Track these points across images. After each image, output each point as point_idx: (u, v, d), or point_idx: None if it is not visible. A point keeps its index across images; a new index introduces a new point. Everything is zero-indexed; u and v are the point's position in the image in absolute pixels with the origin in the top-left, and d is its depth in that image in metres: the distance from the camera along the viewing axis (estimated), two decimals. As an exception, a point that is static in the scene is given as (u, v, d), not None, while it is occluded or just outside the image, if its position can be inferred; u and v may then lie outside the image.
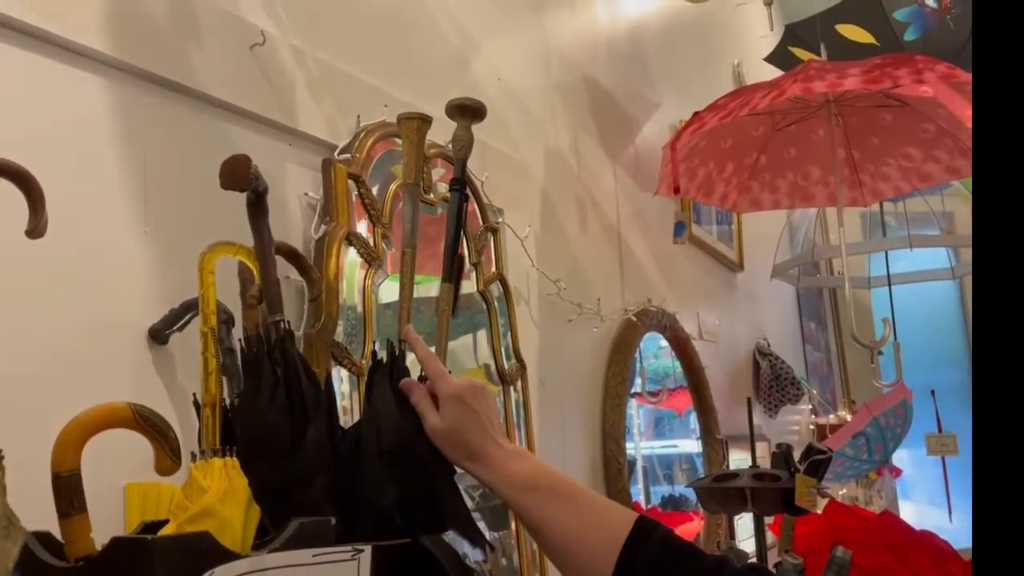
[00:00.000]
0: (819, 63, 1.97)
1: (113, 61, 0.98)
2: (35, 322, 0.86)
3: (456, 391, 0.75)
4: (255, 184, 0.69)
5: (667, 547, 0.66)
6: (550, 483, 0.72)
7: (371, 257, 1.22)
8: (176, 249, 1.02)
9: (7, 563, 0.48)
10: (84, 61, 0.96)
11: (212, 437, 0.68)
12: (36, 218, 0.56)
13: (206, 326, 0.71)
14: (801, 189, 2.55)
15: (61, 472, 0.58)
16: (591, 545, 0.67)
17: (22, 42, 0.90)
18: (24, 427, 0.73)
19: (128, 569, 0.53)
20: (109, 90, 0.98)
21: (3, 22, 0.88)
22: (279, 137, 1.19)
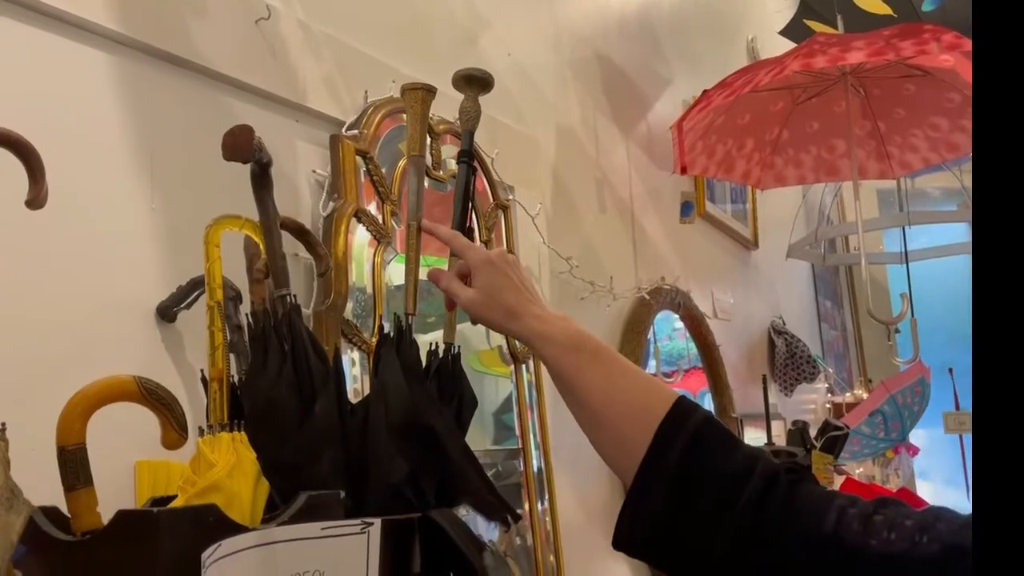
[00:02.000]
0: (825, 37, 1.94)
1: (118, 36, 0.97)
2: (44, 300, 0.86)
3: (487, 256, 0.74)
4: (259, 156, 0.68)
5: (702, 435, 0.61)
6: (594, 347, 0.69)
7: (380, 234, 1.21)
8: (183, 226, 1.01)
9: (11, 535, 0.48)
10: (89, 36, 0.95)
11: (220, 412, 0.67)
12: (36, 188, 0.55)
13: (212, 300, 0.70)
14: (826, 163, 2.52)
15: (67, 445, 0.57)
16: (629, 418, 0.63)
17: (26, 17, 0.89)
18: (35, 405, 0.73)
19: (134, 542, 0.52)
20: (114, 65, 0.98)
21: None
22: (286, 113, 1.18)
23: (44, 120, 0.89)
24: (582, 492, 1.74)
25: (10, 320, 0.82)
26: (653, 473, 0.60)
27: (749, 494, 0.56)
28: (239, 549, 0.51)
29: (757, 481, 0.57)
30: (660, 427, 0.61)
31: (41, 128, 0.88)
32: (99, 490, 0.66)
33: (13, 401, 0.79)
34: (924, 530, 0.52)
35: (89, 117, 0.95)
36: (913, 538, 0.51)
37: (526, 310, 0.72)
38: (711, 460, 0.59)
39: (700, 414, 0.63)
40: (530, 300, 0.73)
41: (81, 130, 0.94)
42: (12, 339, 0.82)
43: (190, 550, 0.50)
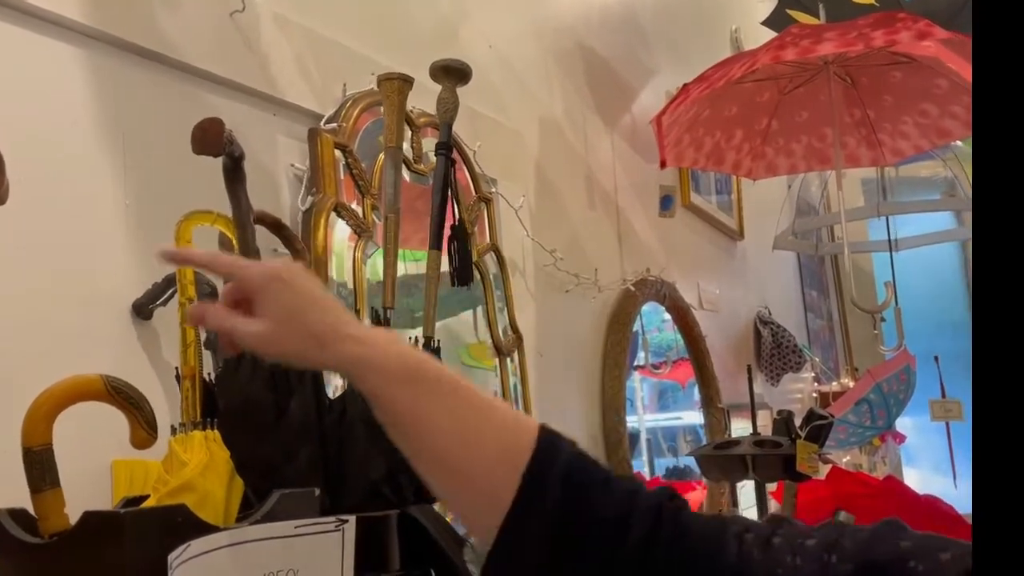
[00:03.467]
0: (799, 28, 1.94)
1: (88, 30, 0.95)
2: (16, 297, 0.85)
3: (271, 271, 0.57)
4: (230, 149, 0.66)
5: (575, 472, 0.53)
6: (435, 375, 0.55)
7: (360, 228, 1.20)
8: (158, 221, 1.00)
9: (-26, 539, 0.47)
10: (59, 31, 0.93)
11: (192, 410, 0.66)
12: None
13: (184, 297, 0.69)
14: (817, 152, 2.53)
15: (32, 446, 0.56)
16: (487, 460, 0.53)
17: (-8, 11, 0.88)
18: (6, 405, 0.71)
19: (101, 544, 0.51)
20: (85, 60, 0.96)
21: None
22: (263, 107, 1.17)
23: (14, 115, 0.87)
24: (569, 485, 1.73)
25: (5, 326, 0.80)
26: (527, 521, 0.51)
27: (637, 532, 0.50)
28: (209, 549, 0.50)
29: (643, 516, 0.51)
30: (528, 468, 0.52)
31: (11, 124, 0.86)
32: (76, 490, 0.65)
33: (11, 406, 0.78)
34: (829, 549, 0.48)
35: (60, 112, 0.93)
36: (821, 558, 0.47)
37: (339, 332, 0.55)
38: (589, 499, 0.53)
39: (567, 448, 0.55)
40: (341, 319, 0.56)
41: (52, 126, 0.92)
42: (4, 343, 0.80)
43: (158, 551, 0.49)
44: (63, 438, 0.64)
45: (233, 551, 0.52)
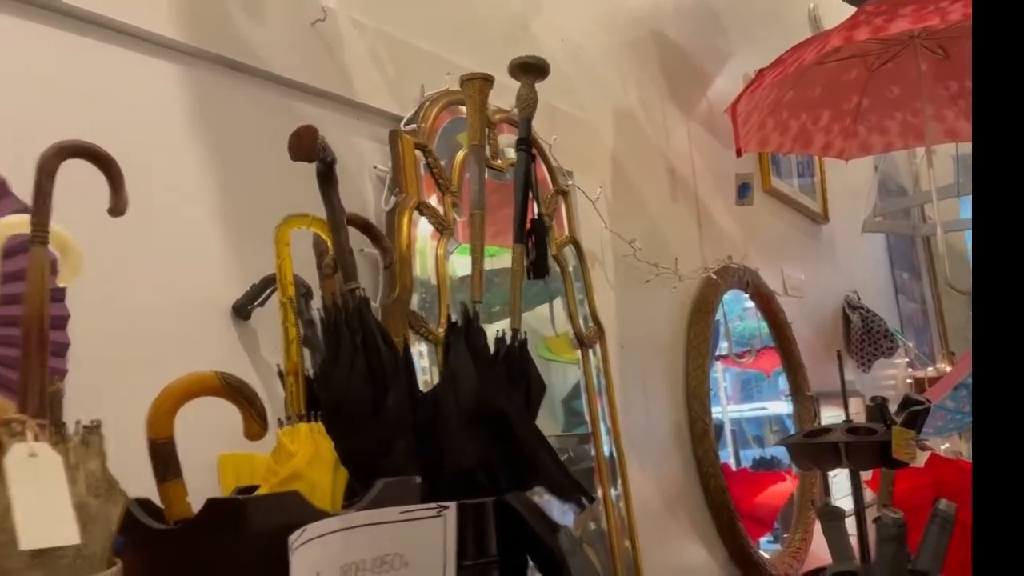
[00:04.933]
0: (873, 6, 1.88)
1: (184, 47, 1.01)
2: (130, 303, 0.91)
3: None
4: (323, 155, 0.70)
5: None
6: None
7: (442, 226, 1.23)
8: (254, 226, 1.05)
9: (110, 526, 0.51)
10: (158, 49, 0.99)
11: (297, 404, 0.70)
12: (116, 196, 0.59)
13: (284, 296, 0.73)
14: (913, 127, 2.44)
15: (157, 439, 0.61)
16: None
17: (100, 35, 0.94)
18: (125, 402, 0.77)
19: (223, 528, 0.55)
20: (182, 76, 1.02)
21: (77, 15, 0.91)
22: (346, 112, 1.21)
23: (121, 131, 0.93)
24: (655, 476, 1.73)
25: (100, 322, 0.86)
26: None
27: None
28: (323, 533, 0.53)
29: None
30: None
31: (119, 139, 0.92)
32: (187, 482, 0.69)
33: (106, 398, 0.83)
34: None
35: (162, 126, 0.99)
36: None
37: None
38: None
39: None
40: None
41: (155, 139, 0.98)
42: (102, 340, 0.86)
43: (276, 535, 0.53)
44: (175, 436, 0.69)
45: (344, 535, 0.55)
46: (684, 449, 1.88)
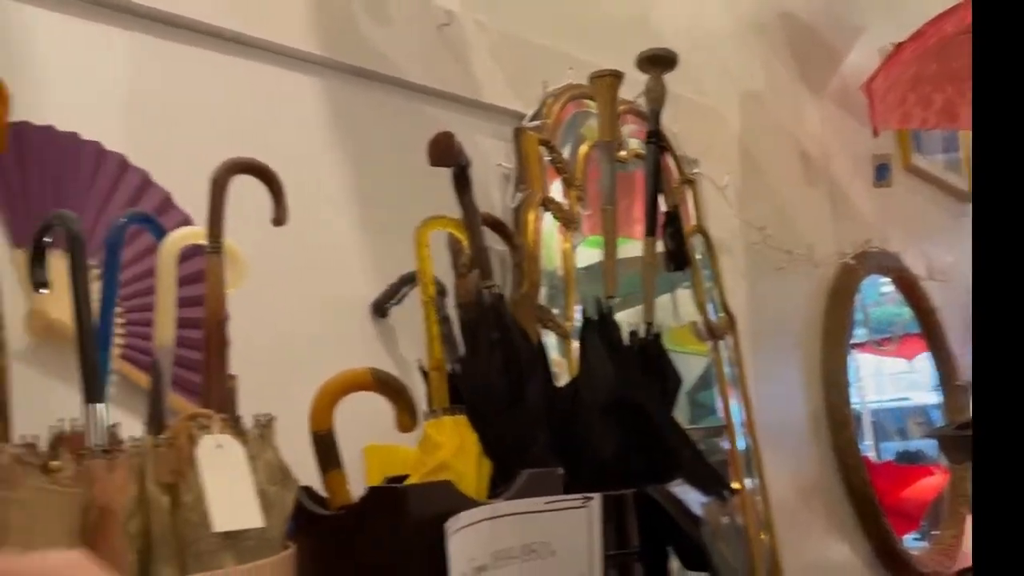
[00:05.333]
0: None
1: (318, 59, 1.08)
2: (283, 305, 0.98)
3: None
4: (459, 159, 0.74)
5: None
6: None
7: (567, 220, 1.25)
8: (388, 227, 1.11)
9: (285, 511, 0.57)
10: (294, 63, 1.07)
11: (440, 398, 0.75)
12: (279, 208, 0.64)
13: (426, 295, 0.77)
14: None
15: (318, 431, 0.66)
16: None
17: (246, 53, 1.02)
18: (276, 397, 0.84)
19: (385, 514, 0.60)
20: (318, 87, 1.09)
21: (222, 35, 0.99)
22: (470, 112, 1.25)
23: (267, 143, 1.01)
24: (792, 469, 1.70)
25: (260, 322, 0.94)
26: None
27: None
28: (475, 521, 0.57)
29: None
30: None
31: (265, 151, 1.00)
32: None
33: (260, 394, 0.91)
34: None
35: (302, 136, 1.06)
36: None
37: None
38: None
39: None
40: None
41: (297, 149, 1.05)
42: (262, 339, 0.94)
43: (432, 521, 0.57)
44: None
45: (492, 524, 0.59)
46: (821, 440, 1.83)
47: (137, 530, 0.52)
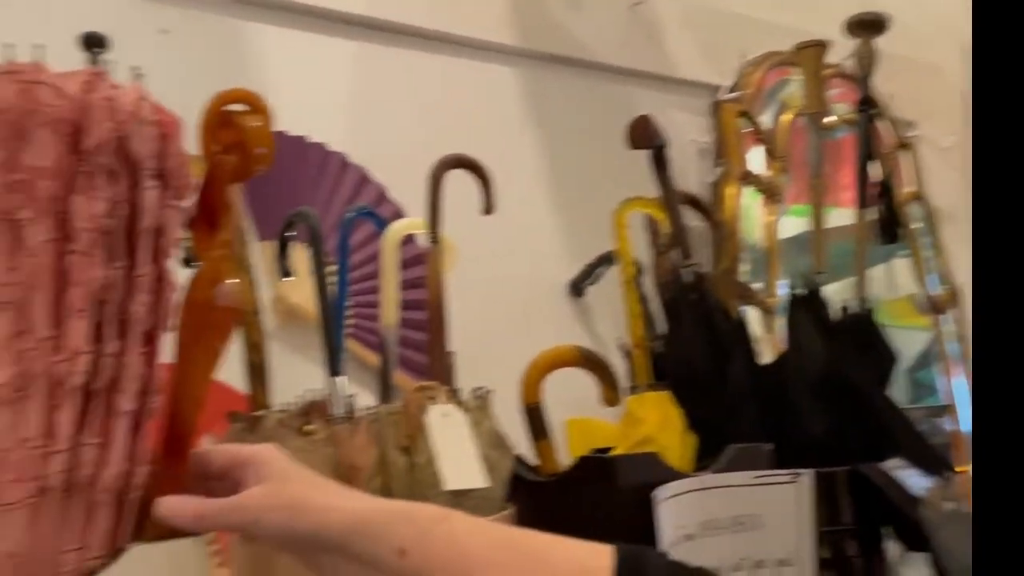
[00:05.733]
0: None
1: (512, 49, 1.14)
2: (488, 286, 1.05)
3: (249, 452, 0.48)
4: (657, 140, 0.77)
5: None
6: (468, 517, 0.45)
7: (769, 193, 1.24)
8: (583, 208, 1.15)
9: (503, 475, 0.63)
10: (491, 55, 1.13)
11: (643, 374, 0.78)
12: (488, 199, 0.70)
13: (626, 276, 0.81)
14: None
15: (528, 404, 0.72)
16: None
17: (445, 49, 1.10)
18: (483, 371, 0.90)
19: (595, 481, 0.64)
20: (514, 76, 1.15)
21: (425, 34, 1.07)
22: (665, 88, 1.26)
23: (469, 133, 1.08)
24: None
25: (471, 303, 1.01)
26: None
27: None
28: (681, 492, 0.60)
29: None
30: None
31: (468, 141, 1.07)
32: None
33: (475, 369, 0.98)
34: None
35: (501, 124, 1.13)
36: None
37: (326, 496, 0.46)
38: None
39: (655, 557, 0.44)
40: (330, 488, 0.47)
41: (497, 137, 1.12)
42: (468, 319, 1.01)
43: (639, 490, 0.61)
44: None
45: (699, 495, 0.61)
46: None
47: (377, 488, 0.60)
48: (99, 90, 0.41)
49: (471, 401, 0.63)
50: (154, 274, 0.43)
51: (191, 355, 0.45)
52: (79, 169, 0.41)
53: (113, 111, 0.41)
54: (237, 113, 0.47)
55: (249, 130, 0.46)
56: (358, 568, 0.43)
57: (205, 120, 0.46)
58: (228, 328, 0.47)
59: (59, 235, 0.41)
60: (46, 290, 0.40)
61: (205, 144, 0.46)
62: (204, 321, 0.45)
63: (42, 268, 0.40)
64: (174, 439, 0.45)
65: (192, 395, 0.46)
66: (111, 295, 0.41)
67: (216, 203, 0.46)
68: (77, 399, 0.41)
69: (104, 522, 0.42)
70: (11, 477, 0.40)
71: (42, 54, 0.41)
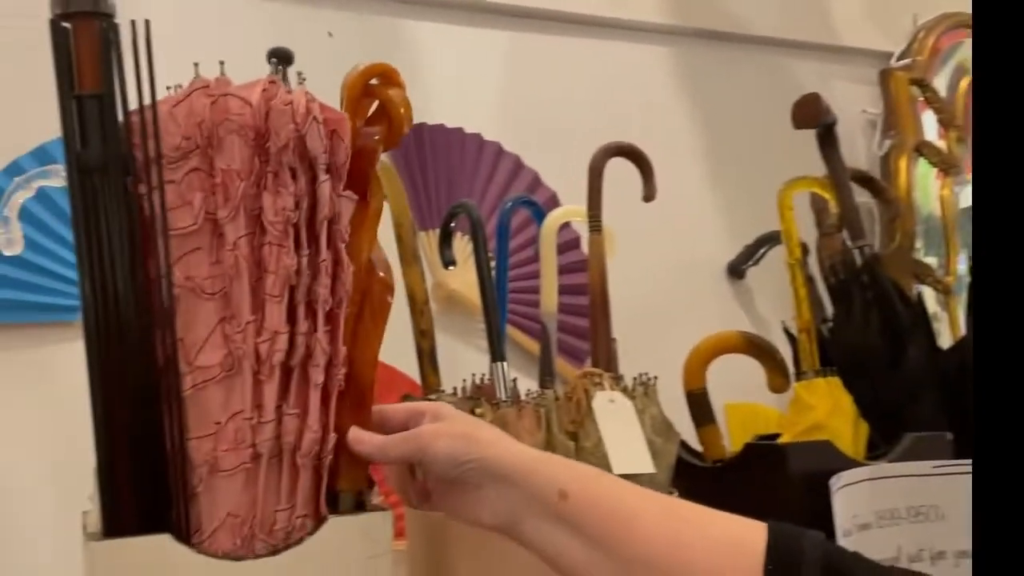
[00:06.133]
0: None
1: (668, 28, 1.13)
2: (643, 269, 1.05)
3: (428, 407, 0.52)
4: (826, 118, 0.75)
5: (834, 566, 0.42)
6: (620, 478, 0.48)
7: (946, 165, 1.17)
8: (743, 187, 1.14)
9: (670, 459, 0.64)
10: (645, 35, 1.13)
11: (811, 359, 0.77)
12: (649, 186, 0.71)
13: (792, 258, 0.79)
14: None
15: (692, 390, 0.73)
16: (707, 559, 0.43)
17: (598, 33, 1.11)
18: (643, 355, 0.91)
19: (763, 469, 0.64)
20: (669, 55, 1.14)
21: (575, 19, 1.09)
22: (829, 58, 1.22)
23: (623, 115, 1.09)
24: None
25: (629, 286, 1.02)
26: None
27: None
28: (855, 481, 0.59)
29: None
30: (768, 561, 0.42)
31: (622, 124, 1.08)
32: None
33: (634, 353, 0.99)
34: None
35: (656, 104, 1.13)
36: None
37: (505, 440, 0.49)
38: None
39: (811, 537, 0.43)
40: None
41: (652, 117, 1.12)
42: (630, 301, 1.02)
43: (811, 478, 0.60)
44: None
45: (872, 484, 0.60)
46: None
47: (545, 470, 0.63)
48: (278, 96, 0.46)
49: (636, 387, 0.64)
50: (332, 258, 0.47)
51: (359, 322, 0.49)
52: (266, 169, 0.45)
53: (292, 114, 0.45)
54: (377, 85, 0.50)
55: (390, 97, 0.49)
56: (519, 502, 0.45)
57: (348, 94, 0.49)
58: (386, 297, 0.50)
59: (253, 230, 0.45)
60: (245, 279, 0.45)
61: (350, 118, 0.49)
62: (365, 289, 0.49)
63: (241, 260, 0.45)
64: (355, 400, 0.49)
65: (365, 358, 0.49)
66: (300, 280, 0.46)
67: (365, 175, 0.49)
68: (278, 375, 0.46)
69: (306, 484, 0.46)
70: (227, 447, 0.45)
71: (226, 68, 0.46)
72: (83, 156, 0.44)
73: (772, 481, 0.63)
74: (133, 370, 0.44)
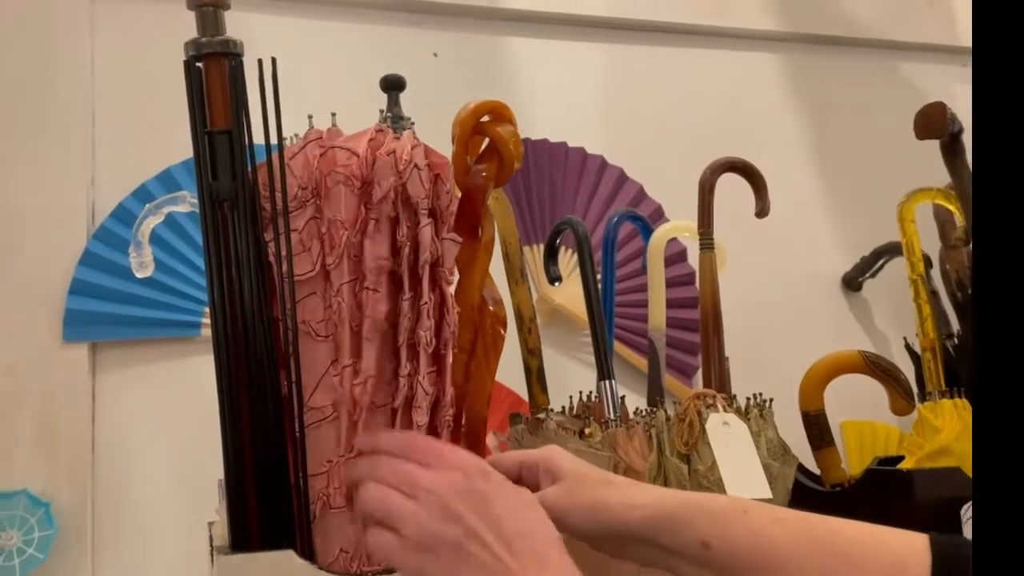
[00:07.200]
0: None
1: (776, 35, 1.12)
2: (755, 284, 1.04)
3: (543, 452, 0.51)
4: (951, 128, 0.73)
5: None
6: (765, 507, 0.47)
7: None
8: (857, 198, 1.11)
9: (787, 484, 0.63)
10: (753, 43, 1.12)
11: (936, 379, 0.75)
12: (762, 202, 0.71)
13: (915, 273, 0.78)
14: None
15: (809, 411, 0.72)
16: None
17: (698, 42, 1.10)
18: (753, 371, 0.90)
19: (886, 495, 0.63)
20: (778, 62, 1.13)
21: (679, 29, 1.09)
22: (949, 59, 1.18)
23: (730, 125, 1.08)
24: None
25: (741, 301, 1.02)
26: None
27: None
28: (988, 510, 0.57)
29: None
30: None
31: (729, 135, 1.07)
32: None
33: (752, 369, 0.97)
34: None
35: (765, 113, 1.11)
36: None
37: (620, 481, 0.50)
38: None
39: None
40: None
41: (761, 126, 1.10)
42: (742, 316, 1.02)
43: (939, 505, 0.59)
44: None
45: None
46: None
47: (658, 492, 0.64)
48: (384, 145, 0.48)
49: (751, 409, 0.64)
50: (436, 300, 0.49)
51: (471, 359, 0.51)
52: (369, 216, 0.48)
53: (395, 163, 0.47)
54: (487, 122, 0.52)
55: (500, 135, 0.51)
56: (663, 555, 0.46)
57: (459, 132, 0.51)
58: (499, 330, 0.52)
59: (355, 276, 0.48)
60: (347, 324, 0.48)
61: (459, 155, 0.51)
62: (477, 326, 0.51)
63: (343, 306, 0.48)
64: (470, 437, 0.51)
65: (478, 395, 0.51)
66: (402, 323, 0.48)
67: (475, 211, 0.51)
68: (379, 416, 0.48)
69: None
70: (338, 484, 0.48)
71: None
72: (214, 187, 0.48)
73: (896, 509, 0.62)
74: (259, 403, 0.47)
